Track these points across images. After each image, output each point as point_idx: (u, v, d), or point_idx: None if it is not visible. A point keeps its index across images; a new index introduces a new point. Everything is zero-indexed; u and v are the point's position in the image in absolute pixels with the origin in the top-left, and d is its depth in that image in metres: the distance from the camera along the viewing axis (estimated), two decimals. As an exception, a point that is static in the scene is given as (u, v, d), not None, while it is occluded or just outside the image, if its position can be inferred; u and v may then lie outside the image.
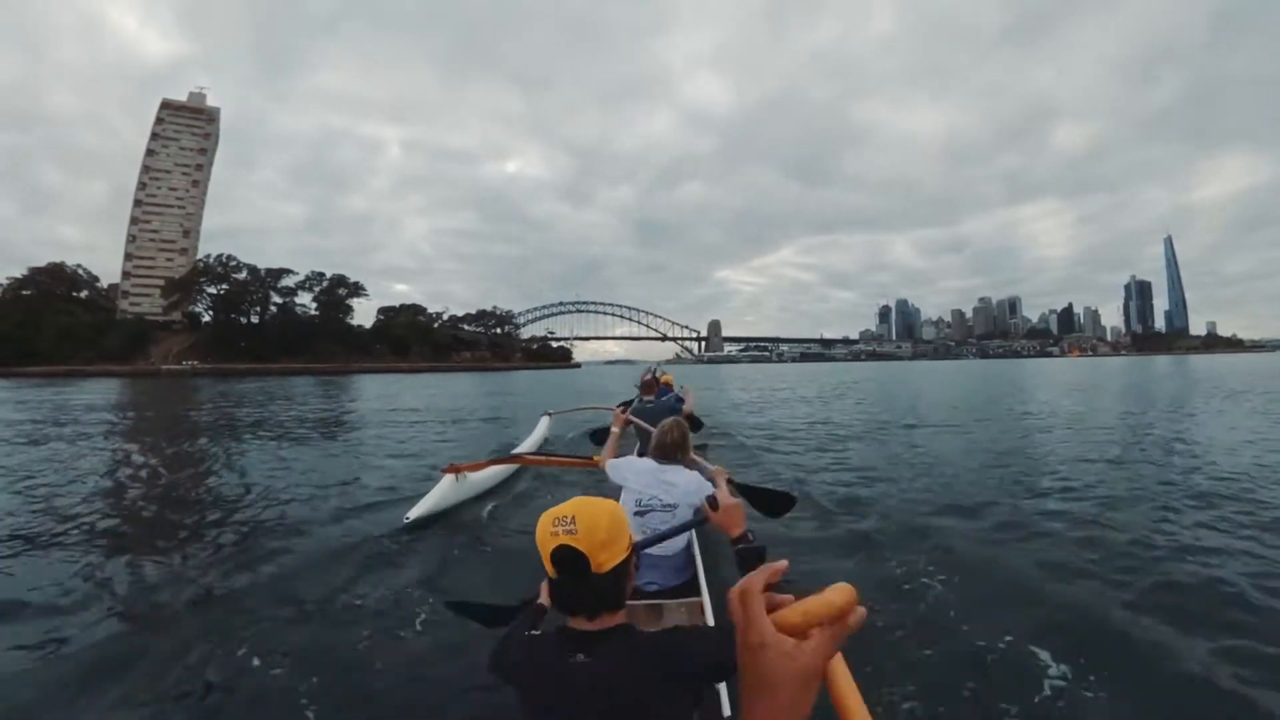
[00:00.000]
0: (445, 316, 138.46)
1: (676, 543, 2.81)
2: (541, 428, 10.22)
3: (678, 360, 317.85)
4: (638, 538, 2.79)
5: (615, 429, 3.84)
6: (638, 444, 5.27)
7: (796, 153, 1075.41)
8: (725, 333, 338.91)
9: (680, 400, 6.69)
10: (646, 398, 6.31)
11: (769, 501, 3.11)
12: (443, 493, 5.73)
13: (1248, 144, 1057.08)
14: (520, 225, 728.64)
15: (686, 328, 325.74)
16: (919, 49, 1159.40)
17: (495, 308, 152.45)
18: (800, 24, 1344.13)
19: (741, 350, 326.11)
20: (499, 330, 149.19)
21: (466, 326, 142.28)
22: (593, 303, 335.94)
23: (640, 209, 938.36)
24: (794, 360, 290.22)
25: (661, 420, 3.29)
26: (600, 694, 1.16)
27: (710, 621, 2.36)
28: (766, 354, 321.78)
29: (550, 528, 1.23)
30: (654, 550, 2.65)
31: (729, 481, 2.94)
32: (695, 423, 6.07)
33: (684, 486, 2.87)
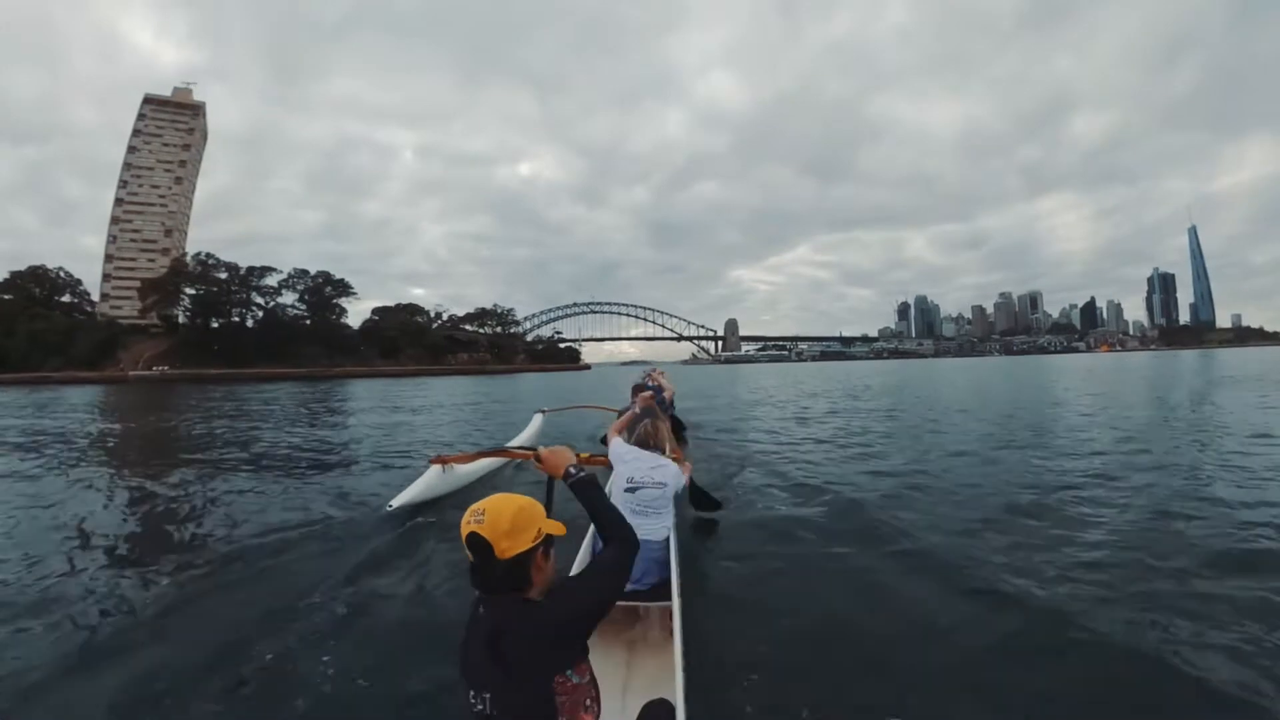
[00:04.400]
0: (444, 317, 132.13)
1: (654, 534, 3.10)
2: (534, 425, 10.30)
3: (694, 360, 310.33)
4: (626, 515, 3.10)
5: (628, 414, 4.83)
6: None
7: (812, 150, 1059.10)
8: (742, 332, 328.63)
9: (666, 402, 7.74)
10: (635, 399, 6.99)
11: (703, 500, 5.01)
12: (428, 483, 5.69)
13: (1272, 128, 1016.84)
14: (536, 229, 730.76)
15: (703, 327, 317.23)
16: (935, 39, 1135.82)
17: (496, 305, 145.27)
18: (813, 18, 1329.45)
19: (759, 350, 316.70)
20: (500, 330, 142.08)
21: (467, 326, 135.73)
22: (606, 303, 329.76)
23: (655, 209, 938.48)
24: (813, 359, 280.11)
25: (643, 416, 4.44)
26: (482, 640, 1.46)
27: (678, 630, 2.47)
28: (785, 353, 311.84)
29: (468, 517, 1.51)
30: (641, 534, 2.98)
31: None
32: (677, 423, 7.18)
33: (671, 469, 3.48)
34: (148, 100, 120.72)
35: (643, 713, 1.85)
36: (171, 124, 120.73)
